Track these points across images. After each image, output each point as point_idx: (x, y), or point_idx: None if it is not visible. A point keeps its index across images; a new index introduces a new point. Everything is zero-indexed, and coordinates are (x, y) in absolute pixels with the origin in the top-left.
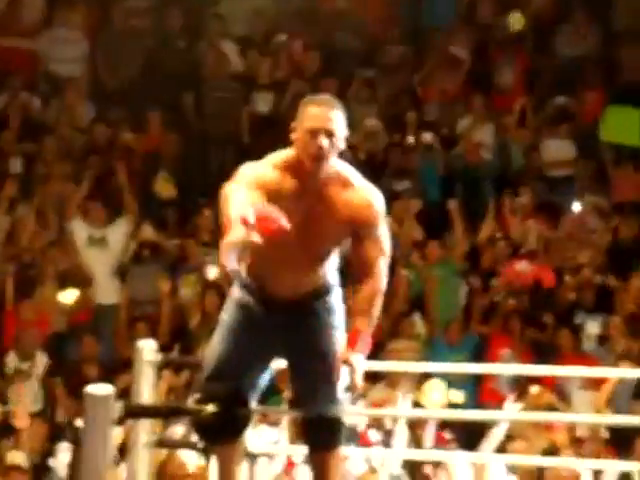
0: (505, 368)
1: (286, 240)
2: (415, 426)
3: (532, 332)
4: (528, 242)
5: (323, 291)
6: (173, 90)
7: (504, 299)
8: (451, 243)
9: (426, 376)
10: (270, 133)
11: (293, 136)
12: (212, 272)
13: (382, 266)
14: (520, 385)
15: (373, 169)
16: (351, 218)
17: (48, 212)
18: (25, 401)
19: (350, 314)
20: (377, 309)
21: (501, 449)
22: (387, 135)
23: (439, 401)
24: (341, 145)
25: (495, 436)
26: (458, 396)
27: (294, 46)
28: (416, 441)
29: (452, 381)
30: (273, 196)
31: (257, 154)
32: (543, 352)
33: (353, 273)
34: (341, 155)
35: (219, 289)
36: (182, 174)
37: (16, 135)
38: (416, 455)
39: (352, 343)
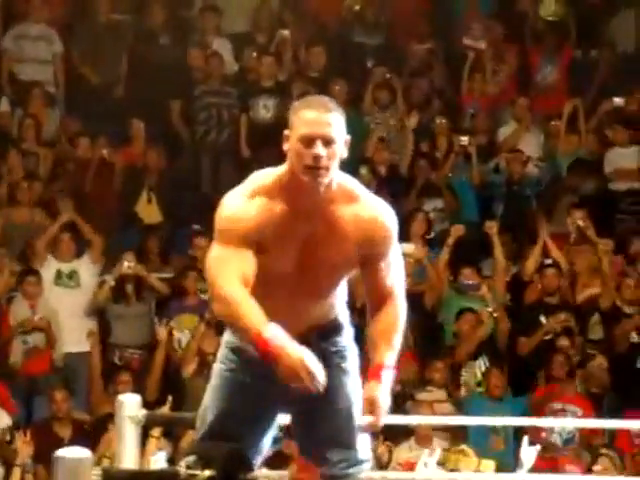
0: (559, 422)
1: (285, 270)
2: None
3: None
4: (583, 273)
5: (331, 330)
6: (158, 95)
7: (556, 340)
8: (490, 272)
9: (463, 433)
10: (273, 144)
11: (285, 147)
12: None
13: (400, 291)
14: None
15: (396, 186)
16: (359, 238)
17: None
18: None
19: (370, 347)
20: (399, 339)
21: None
22: (413, 145)
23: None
24: (343, 153)
25: None
26: (489, 466)
27: (299, 43)
28: None
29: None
30: (266, 232)
31: (258, 169)
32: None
33: (368, 302)
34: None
35: (219, 330)
36: (169, 194)
37: None
38: None
39: (375, 377)
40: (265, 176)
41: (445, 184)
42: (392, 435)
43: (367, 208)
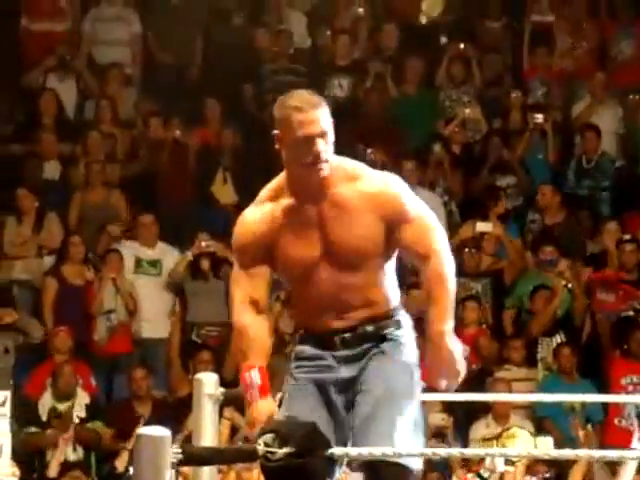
0: (636, 398)
1: (313, 259)
2: None
3: None
4: None
5: (385, 318)
6: (232, 76)
7: (636, 314)
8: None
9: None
10: (347, 123)
11: (277, 146)
12: None
13: (438, 244)
14: None
15: (469, 163)
16: (374, 210)
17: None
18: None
19: (426, 308)
20: (450, 293)
21: None
22: (486, 122)
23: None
24: (332, 138)
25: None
26: (547, 443)
27: (372, 21)
28: None
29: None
30: (278, 231)
31: (334, 148)
32: None
33: (414, 263)
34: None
35: None
36: (244, 174)
37: (51, 134)
38: None
39: (432, 340)
40: (270, 184)
41: (518, 161)
42: (470, 411)
43: (371, 182)
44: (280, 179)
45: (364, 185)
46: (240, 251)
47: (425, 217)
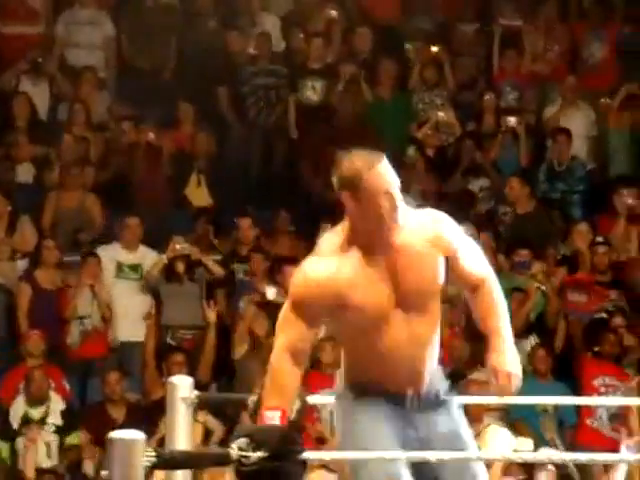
0: (609, 400)
1: (385, 314)
2: None
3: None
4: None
5: (440, 387)
6: (206, 79)
7: (610, 319)
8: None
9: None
10: (321, 126)
11: (353, 206)
12: (270, 292)
13: (486, 269)
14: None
15: (443, 166)
16: (434, 250)
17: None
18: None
19: (482, 328)
20: (503, 304)
21: None
22: (460, 125)
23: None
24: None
25: None
26: (527, 445)
27: (345, 24)
28: None
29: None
30: (347, 287)
31: (307, 151)
32: None
33: (463, 289)
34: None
35: (271, 312)
36: (218, 177)
37: (24, 136)
38: None
39: (492, 348)
40: (330, 237)
41: (491, 163)
42: None
43: (425, 225)
44: (341, 232)
45: (420, 229)
46: (301, 305)
47: (469, 243)
